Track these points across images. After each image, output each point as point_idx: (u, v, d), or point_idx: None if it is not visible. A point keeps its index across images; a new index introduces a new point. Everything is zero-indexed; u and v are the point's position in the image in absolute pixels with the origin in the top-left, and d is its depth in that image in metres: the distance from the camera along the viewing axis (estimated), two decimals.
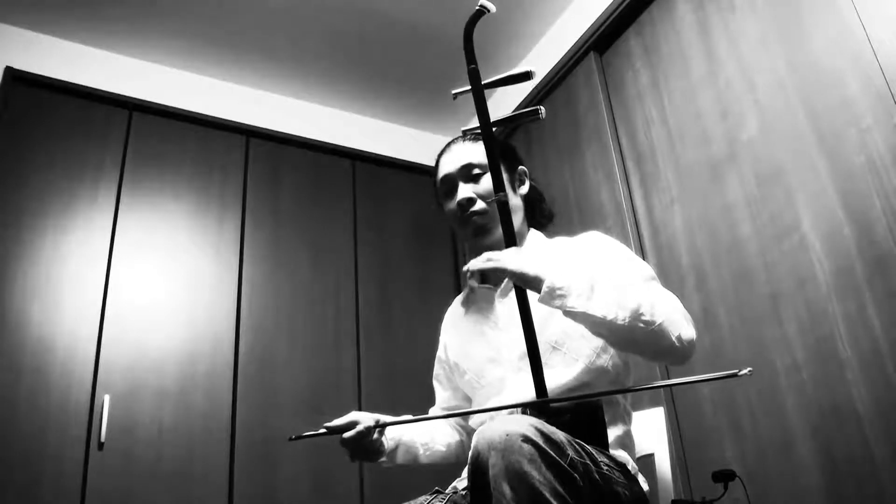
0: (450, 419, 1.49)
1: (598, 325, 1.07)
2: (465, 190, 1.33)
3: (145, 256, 2.45)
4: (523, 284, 1.07)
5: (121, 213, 2.46)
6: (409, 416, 1.33)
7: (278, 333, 2.58)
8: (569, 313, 1.06)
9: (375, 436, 1.29)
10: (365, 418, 1.27)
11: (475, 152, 1.35)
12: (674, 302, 1.13)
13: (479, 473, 0.88)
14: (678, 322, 1.09)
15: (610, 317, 1.04)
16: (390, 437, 1.34)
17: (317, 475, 2.42)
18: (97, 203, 2.43)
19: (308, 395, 2.53)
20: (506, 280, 1.31)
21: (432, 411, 1.52)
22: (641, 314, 1.05)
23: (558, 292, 1.05)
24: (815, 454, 1.60)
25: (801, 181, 1.73)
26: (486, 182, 1.31)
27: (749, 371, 0.90)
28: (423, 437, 1.40)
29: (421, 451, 1.39)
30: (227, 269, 2.58)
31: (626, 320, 1.04)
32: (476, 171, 1.33)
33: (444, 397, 1.50)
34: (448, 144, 1.41)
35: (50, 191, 2.37)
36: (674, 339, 1.06)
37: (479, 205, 1.31)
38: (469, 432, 1.47)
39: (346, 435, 1.25)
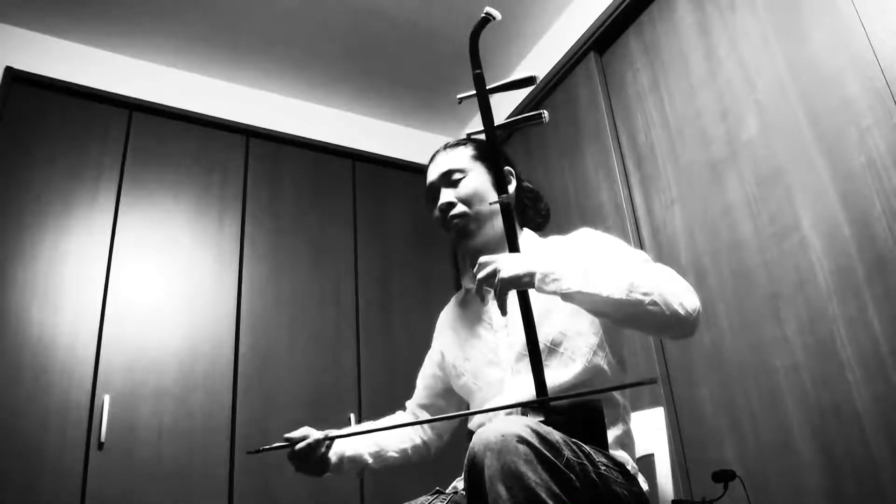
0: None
1: (597, 304, 1.07)
2: (445, 195, 1.34)
3: (145, 256, 2.45)
4: (519, 286, 1.07)
5: (121, 213, 2.46)
6: (358, 428, 1.34)
7: (278, 333, 2.58)
8: (566, 296, 1.06)
9: (322, 450, 1.30)
10: (314, 433, 1.29)
11: (454, 158, 1.37)
12: (672, 274, 1.12)
13: (475, 474, 0.88)
14: (678, 292, 1.07)
15: (606, 293, 1.04)
16: (333, 451, 1.33)
17: None
18: (97, 203, 2.44)
19: (308, 395, 2.53)
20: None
21: (407, 404, 1.54)
22: (638, 286, 1.04)
23: (551, 276, 1.05)
24: (815, 454, 1.59)
25: (801, 181, 1.72)
26: (466, 186, 1.33)
27: (653, 379, 0.97)
28: (370, 447, 1.40)
29: (370, 461, 1.39)
30: (227, 269, 2.59)
31: (624, 294, 1.03)
32: (456, 175, 1.35)
33: (418, 396, 1.52)
34: (433, 155, 1.43)
35: (50, 191, 2.37)
36: (676, 307, 1.05)
37: (459, 208, 1.32)
38: (440, 433, 1.50)
39: (298, 447, 1.27)
